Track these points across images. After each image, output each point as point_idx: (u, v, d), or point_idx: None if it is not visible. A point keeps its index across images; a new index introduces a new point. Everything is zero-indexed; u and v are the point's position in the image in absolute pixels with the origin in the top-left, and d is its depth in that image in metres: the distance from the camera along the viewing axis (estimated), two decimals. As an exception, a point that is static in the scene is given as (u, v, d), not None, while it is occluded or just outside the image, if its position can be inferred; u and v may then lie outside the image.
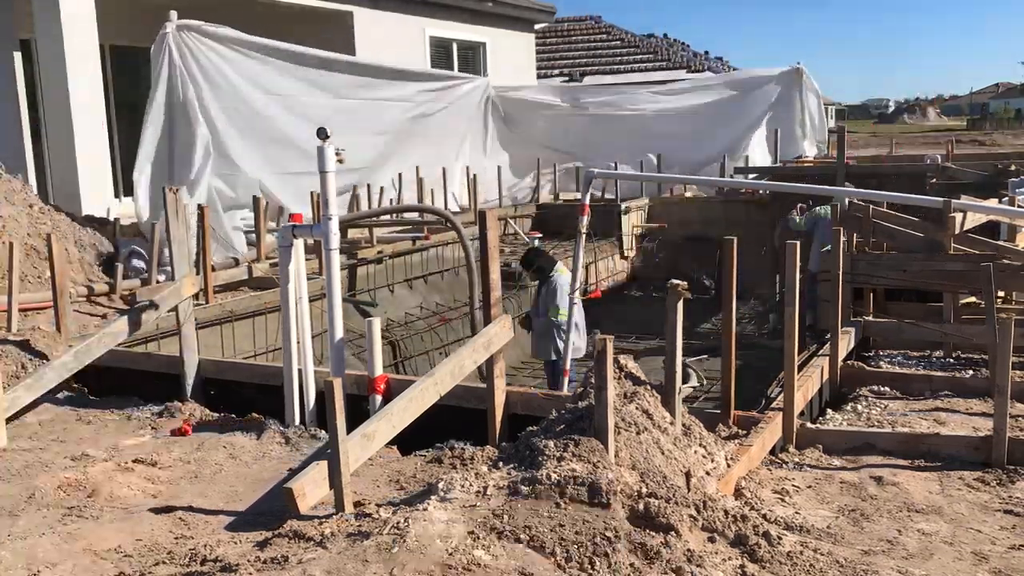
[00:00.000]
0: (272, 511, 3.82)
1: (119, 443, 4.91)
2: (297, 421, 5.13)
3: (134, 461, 4.57)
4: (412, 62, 14.50)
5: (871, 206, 7.53)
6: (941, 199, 7.34)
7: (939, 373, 6.31)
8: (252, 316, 7.97)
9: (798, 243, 5.02)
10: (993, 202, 8.99)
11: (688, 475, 3.73)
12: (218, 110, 9.68)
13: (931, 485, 4.38)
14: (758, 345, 10.08)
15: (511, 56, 17.76)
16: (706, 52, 26.96)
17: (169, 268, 6.40)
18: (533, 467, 3.54)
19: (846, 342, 6.48)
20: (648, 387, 4.18)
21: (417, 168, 12.24)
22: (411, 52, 14.89)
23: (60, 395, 5.67)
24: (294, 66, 10.90)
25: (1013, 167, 11.67)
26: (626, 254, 13.48)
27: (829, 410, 5.77)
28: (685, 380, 7.15)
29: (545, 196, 14.82)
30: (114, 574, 3.33)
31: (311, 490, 3.72)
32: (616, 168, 13.23)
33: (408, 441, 4.49)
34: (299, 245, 5.13)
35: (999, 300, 6.82)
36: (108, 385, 6.02)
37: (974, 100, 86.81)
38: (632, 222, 13.66)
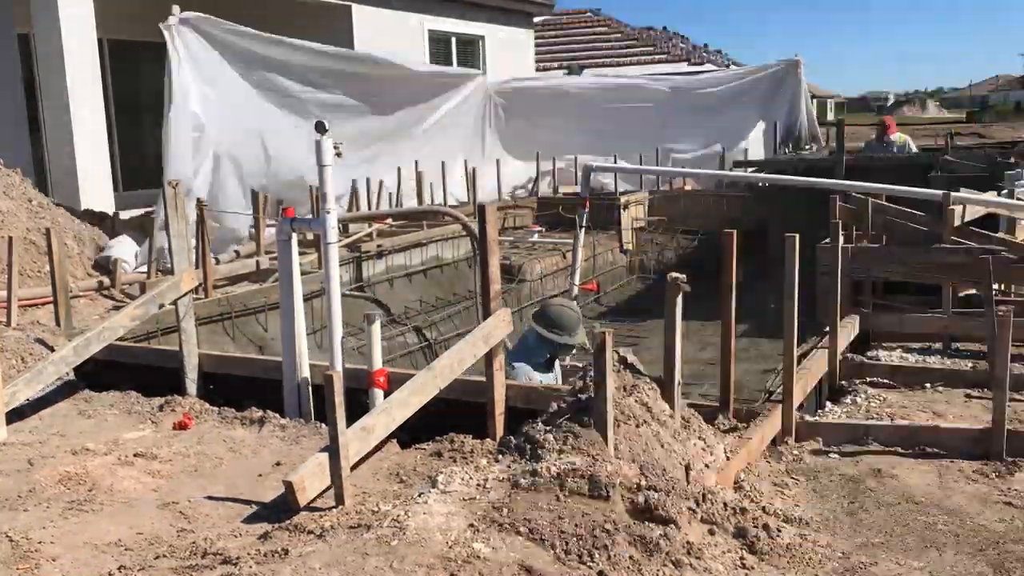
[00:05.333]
0: (273, 504, 3.83)
1: (119, 437, 4.92)
2: (298, 415, 5.13)
3: (135, 455, 4.58)
4: (411, 56, 14.47)
5: (870, 199, 7.53)
6: (940, 192, 7.35)
7: (938, 365, 6.31)
8: (254, 312, 7.97)
9: (796, 236, 4.99)
10: (992, 195, 8.99)
11: (687, 468, 3.74)
12: (219, 107, 9.66)
13: (930, 477, 4.38)
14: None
15: (510, 49, 17.75)
16: (705, 45, 27.04)
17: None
18: (533, 460, 3.55)
19: (845, 335, 6.49)
20: (647, 380, 4.19)
21: (416, 163, 12.23)
22: (410, 46, 14.88)
23: (60, 389, 5.67)
24: (295, 64, 10.87)
25: (1012, 159, 11.66)
26: (625, 247, 13.48)
27: (828, 403, 5.77)
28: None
29: (544, 189, 14.81)
30: (115, 567, 3.34)
31: (311, 483, 3.72)
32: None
33: (408, 434, 4.50)
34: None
35: (998, 292, 6.82)
36: (108, 379, 6.02)
37: (974, 93, 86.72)
38: (632, 215, 13.66)
